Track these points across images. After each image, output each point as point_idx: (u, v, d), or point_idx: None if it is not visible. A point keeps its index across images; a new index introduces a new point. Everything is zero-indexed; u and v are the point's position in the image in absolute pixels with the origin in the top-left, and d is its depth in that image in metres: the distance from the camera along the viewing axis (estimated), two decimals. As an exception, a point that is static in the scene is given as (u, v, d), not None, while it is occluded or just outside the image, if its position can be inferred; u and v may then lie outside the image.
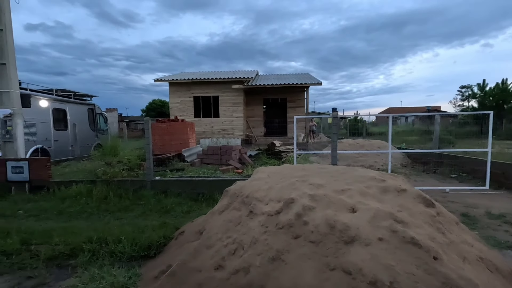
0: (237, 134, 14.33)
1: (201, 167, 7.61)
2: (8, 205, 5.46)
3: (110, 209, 5.24)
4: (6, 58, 6.42)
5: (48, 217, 4.94)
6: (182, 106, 14.52)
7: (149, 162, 6.09)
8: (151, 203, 5.47)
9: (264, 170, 3.99)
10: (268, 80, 15.29)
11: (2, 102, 6.56)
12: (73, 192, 5.75)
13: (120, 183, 6.07)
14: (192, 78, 14.07)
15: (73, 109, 12.13)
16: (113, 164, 7.67)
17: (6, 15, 6.44)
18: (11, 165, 6.27)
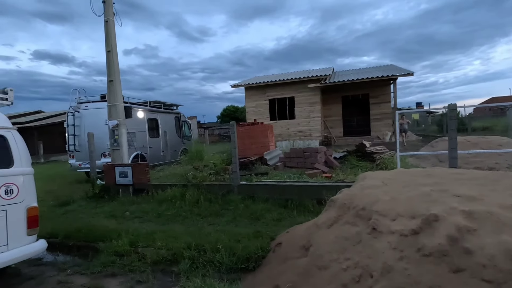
0: (315, 136, 13.68)
1: (285, 171, 7.29)
2: (117, 207, 6.07)
3: (202, 213, 5.30)
4: (113, 76, 7.26)
5: (150, 219, 5.26)
6: (258, 109, 14.64)
7: (235, 167, 6.03)
8: (239, 208, 5.36)
9: (374, 175, 3.37)
10: (347, 76, 14.23)
11: (111, 115, 7.43)
12: (169, 195, 6.07)
13: (209, 187, 6.17)
14: (267, 81, 14.06)
15: (163, 118, 13.34)
16: (200, 168, 7.99)
17: (112, 38, 7.29)
18: (118, 170, 7.04)
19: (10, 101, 3.44)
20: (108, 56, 7.29)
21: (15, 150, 3.19)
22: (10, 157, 3.14)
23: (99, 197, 7.00)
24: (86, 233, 4.51)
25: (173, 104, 14.60)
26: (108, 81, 7.35)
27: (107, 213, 5.75)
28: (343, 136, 14.39)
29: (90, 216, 5.69)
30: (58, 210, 6.28)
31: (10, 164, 3.13)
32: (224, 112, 63.81)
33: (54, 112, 32.29)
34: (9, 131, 3.21)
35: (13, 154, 3.17)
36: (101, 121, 10.32)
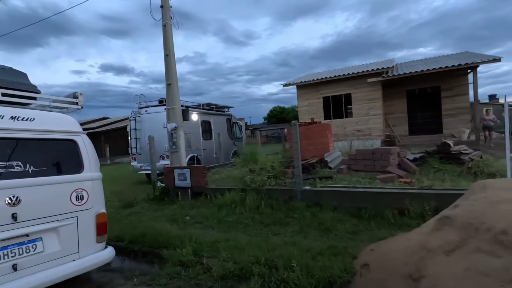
0: (375, 135, 12.48)
1: (350, 175, 6.55)
2: (178, 210, 6.00)
3: (265, 221, 4.90)
4: (171, 79, 7.31)
5: (210, 225, 5.03)
6: (311, 108, 13.93)
7: (298, 170, 5.52)
8: (305, 217, 4.84)
9: (497, 185, 2.57)
10: (413, 67, 12.71)
11: (169, 117, 7.49)
12: (228, 200, 5.81)
13: (269, 192, 5.76)
14: (321, 78, 13.28)
15: (215, 120, 13.42)
16: (257, 171, 7.66)
17: (169, 42, 7.35)
18: (177, 173, 7.04)
19: (80, 105, 3.43)
20: (166, 60, 7.36)
21: (85, 155, 3.12)
22: (80, 162, 3.08)
23: (160, 199, 7.08)
24: (150, 238, 4.42)
25: (225, 106, 14.66)
26: (167, 85, 7.43)
27: (168, 217, 5.69)
28: (409, 135, 12.90)
29: (153, 219, 5.69)
30: (123, 212, 6.45)
31: (80, 169, 3.06)
32: (271, 113, 63.73)
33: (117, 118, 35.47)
34: (79, 136, 3.16)
35: (83, 159, 3.10)
36: (160, 124, 10.68)
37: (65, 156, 3.05)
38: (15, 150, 2.67)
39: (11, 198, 2.49)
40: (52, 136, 2.92)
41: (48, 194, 2.77)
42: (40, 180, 2.72)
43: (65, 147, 3.06)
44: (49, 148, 2.94)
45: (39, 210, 2.68)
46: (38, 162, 2.77)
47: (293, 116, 58.91)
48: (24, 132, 2.72)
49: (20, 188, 2.57)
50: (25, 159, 2.69)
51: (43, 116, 2.94)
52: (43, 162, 2.83)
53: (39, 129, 2.83)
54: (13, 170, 2.59)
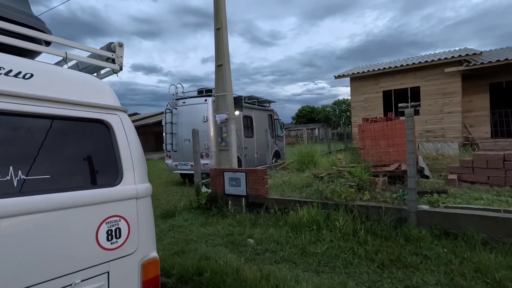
0: (451, 136, 10.34)
1: (470, 189, 4.70)
2: (234, 228, 4.50)
3: (375, 257, 3.25)
4: (223, 59, 5.86)
5: (289, 258, 3.47)
6: (368, 104, 12.01)
7: (413, 182, 3.80)
8: (440, 256, 3.14)
9: None
10: (501, 55, 10.40)
11: (219, 107, 6.05)
12: (304, 218, 4.22)
13: (364, 210, 4.10)
14: (382, 68, 11.31)
15: (257, 116, 11.92)
16: (326, 177, 6.02)
17: (222, 12, 5.90)
18: (228, 176, 5.57)
19: (118, 65, 1.98)
20: (217, 35, 5.92)
21: (124, 149, 1.66)
22: (116, 163, 1.62)
23: (205, 208, 5.65)
24: (211, 279, 2.94)
25: (266, 100, 13.11)
26: (216, 66, 5.99)
27: (223, 237, 4.20)
28: (491, 138, 10.61)
29: (203, 238, 4.23)
30: (162, 224, 5.07)
31: (116, 177, 1.60)
32: (300, 113, 61.42)
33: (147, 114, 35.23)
34: (115, 115, 1.70)
35: (122, 158, 1.63)
36: (199, 117, 9.33)
37: (88, 152, 1.60)
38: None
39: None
40: (65, 112, 1.48)
41: (52, 232, 1.32)
42: (39, 203, 1.28)
43: (88, 134, 1.61)
44: (57, 135, 1.50)
45: (31, 269, 1.24)
46: (34, 165, 1.34)
47: (323, 116, 56.45)
48: (6, 99, 1.29)
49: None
50: (7, 158, 1.26)
51: (50, 73, 1.51)
52: (44, 164, 1.39)
53: (39, 95, 1.39)
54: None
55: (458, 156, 9.19)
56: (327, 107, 58.83)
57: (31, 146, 1.38)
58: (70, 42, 1.81)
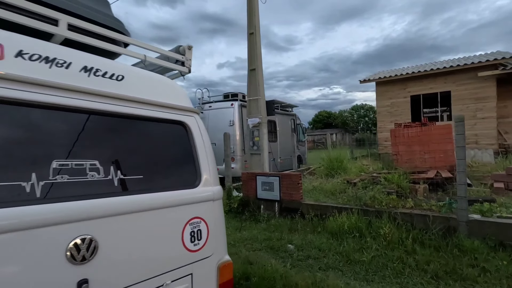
0: (485, 143, 9.90)
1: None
2: (271, 233, 4.45)
3: (428, 269, 3.11)
4: (256, 63, 5.88)
5: (334, 265, 3.38)
6: (394, 109, 11.72)
7: (463, 190, 3.64)
8: (499, 269, 2.96)
9: None
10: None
11: (251, 111, 6.06)
12: (344, 224, 4.11)
13: (408, 219, 3.95)
14: (411, 72, 11.01)
15: (280, 120, 11.88)
16: (359, 183, 5.88)
17: (255, 17, 5.94)
18: (261, 181, 5.54)
19: (187, 67, 2.01)
20: (250, 40, 5.96)
21: (201, 151, 1.66)
22: (195, 165, 1.62)
23: (237, 212, 5.64)
24: (258, 284, 2.90)
25: (290, 104, 13.06)
26: (249, 70, 6.01)
27: (261, 242, 4.16)
28: (528, 145, 10.05)
29: (240, 242, 4.21)
30: (197, 227, 5.08)
31: (195, 179, 1.60)
32: (317, 118, 60.77)
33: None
34: (192, 116, 1.71)
35: (200, 160, 1.64)
36: (225, 121, 9.39)
37: (169, 152, 1.61)
38: (87, 137, 1.27)
39: (77, 246, 1.07)
40: (151, 113, 1.49)
41: (146, 232, 1.33)
42: (135, 203, 1.29)
43: (171, 136, 1.63)
44: (145, 136, 1.53)
45: (130, 268, 1.24)
46: (128, 165, 1.35)
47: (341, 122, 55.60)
48: (105, 100, 1.31)
49: (96, 220, 1.15)
50: (105, 156, 1.28)
51: (136, 76, 1.54)
52: (136, 164, 1.40)
53: (130, 97, 1.41)
54: (84, 179, 1.18)
55: (494, 164, 8.76)
56: (345, 112, 58.00)
57: (125, 146, 1.40)
58: (144, 44, 1.85)
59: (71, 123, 1.22)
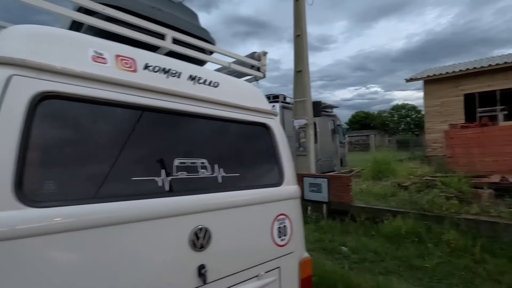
0: (554, 145, 8.89)
1: None
2: (322, 234, 4.45)
3: (502, 280, 2.91)
4: (302, 65, 5.91)
5: (393, 269, 3.29)
6: (444, 109, 10.98)
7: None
8: None
9: None
10: None
11: (297, 112, 6.10)
12: (401, 228, 3.98)
13: (473, 225, 3.72)
14: (465, 68, 10.25)
15: (320, 121, 11.70)
16: (412, 187, 5.63)
17: (302, 19, 5.98)
18: (308, 182, 5.55)
19: (262, 73, 2.12)
20: (296, 42, 6.00)
21: (283, 152, 1.75)
22: (278, 164, 1.72)
23: (284, 213, 5.70)
24: (319, 283, 2.93)
25: (330, 105, 12.84)
26: (296, 72, 6.06)
27: (313, 243, 4.17)
28: None
29: (291, 243, 4.25)
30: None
31: (280, 178, 1.69)
32: (354, 119, 58.80)
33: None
34: (273, 119, 1.81)
35: (282, 160, 1.73)
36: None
37: (257, 153, 1.72)
38: (195, 138, 1.43)
39: (196, 234, 1.21)
40: (241, 116, 1.61)
41: (245, 225, 1.45)
42: (236, 198, 1.42)
43: (255, 136, 1.74)
44: (237, 137, 1.65)
45: (235, 258, 1.37)
46: (227, 163, 1.48)
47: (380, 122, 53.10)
48: (206, 105, 1.45)
49: (208, 212, 1.28)
50: (209, 155, 1.41)
51: (228, 82, 1.67)
52: (232, 162, 1.53)
53: (224, 101, 1.54)
54: (196, 176, 1.32)
55: None
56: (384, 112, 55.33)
57: (223, 146, 1.53)
58: (223, 50, 1.98)
59: (184, 125, 1.38)
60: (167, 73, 1.36)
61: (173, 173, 1.23)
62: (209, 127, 1.49)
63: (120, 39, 1.38)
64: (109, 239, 1.00)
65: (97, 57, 1.15)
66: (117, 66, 1.19)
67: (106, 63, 1.17)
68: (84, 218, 0.95)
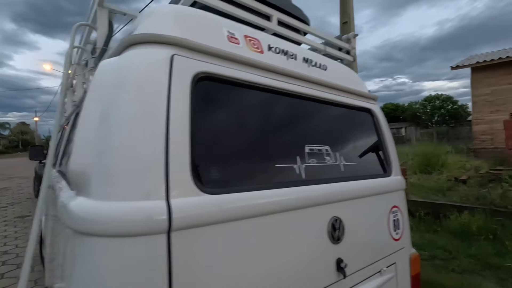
0: None
1: None
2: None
3: None
4: (350, 53, 5.61)
5: (471, 269, 3.06)
6: (495, 97, 10.17)
7: None
8: None
9: None
10: None
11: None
12: (470, 224, 3.71)
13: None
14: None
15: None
16: (470, 181, 5.26)
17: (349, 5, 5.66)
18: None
19: (352, 56, 2.00)
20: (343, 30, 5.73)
21: (388, 139, 1.64)
22: (385, 154, 1.60)
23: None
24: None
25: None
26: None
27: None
28: None
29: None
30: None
31: (389, 168, 1.58)
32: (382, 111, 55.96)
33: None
34: (375, 104, 1.70)
35: (389, 148, 1.61)
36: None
37: (366, 140, 1.61)
38: (314, 122, 1.34)
39: (333, 225, 1.13)
40: (350, 101, 1.52)
41: (368, 217, 1.35)
42: (360, 187, 1.32)
43: (362, 123, 1.63)
44: (347, 123, 1.55)
45: (363, 251, 1.28)
46: (343, 150, 1.39)
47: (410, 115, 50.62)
48: (321, 88, 1.36)
49: (340, 202, 1.20)
50: (329, 141, 1.32)
51: (333, 66, 1.57)
52: (346, 150, 1.43)
53: (335, 85, 1.44)
54: (324, 164, 1.24)
55: None
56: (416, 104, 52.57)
57: (337, 132, 1.44)
58: (317, 31, 1.86)
59: (305, 110, 1.29)
60: (286, 55, 1.28)
61: (306, 161, 1.15)
62: (324, 112, 1.40)
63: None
64: (269, 226, 0.94)
65: (231, 37, 1.09)
66: (247, 47, 1.13)
67: (239, 43, 1.10)
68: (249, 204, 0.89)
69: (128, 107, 0.77)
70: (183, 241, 0.73)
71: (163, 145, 0.75)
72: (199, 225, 0.76)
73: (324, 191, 1.13)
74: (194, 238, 0.75)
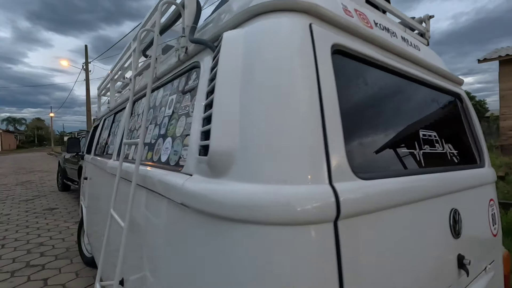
0: None
1: None
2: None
3: None
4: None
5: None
6: (524, 92, 9.76)
7: None
8: None
9: None
10: None
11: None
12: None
13: None
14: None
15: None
16: (507, 177, 5.04)
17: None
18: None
19: (426, 39, 1.86)
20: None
21: (478, 127, 1.51)
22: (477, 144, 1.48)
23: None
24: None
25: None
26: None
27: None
28: None
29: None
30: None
31: (482, 158, 1.46)
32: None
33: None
34: (461, 89, 1.57)
35: (480, 139, 1.49)
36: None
37: (459, 127, 1.49)
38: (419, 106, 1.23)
39: (454, 218, 1.03)
40: (443, 84, 1.40)
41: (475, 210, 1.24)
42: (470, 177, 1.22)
43: (453, 108, 1.51)
44: (442, 108, 1.43)
45: (476, 247, 1.18)
46: (444, 137, 1.27)
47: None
48: (420, 70, 1.26)
49: (455, 193, 1.09)
50: (433, 127, 1.22)
51: (422, 47, 1.45)
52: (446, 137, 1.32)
53: (431, 66, 1.33)
54: (436, 151, 1.13)
55: None
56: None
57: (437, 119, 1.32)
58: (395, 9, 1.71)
59: (410, 91, 1.19)
60: (389, 32, 1.17)
61: (423, 147, 1.05)
62: (424, 95, 1.29)
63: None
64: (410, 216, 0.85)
65: (346, 10, 0.99)
66: (360, 21, 1.02)
67: (352, 17, 1.00)
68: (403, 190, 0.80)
69: (277, 82, 0.68)
70: (349, 232, 0.63)
71: (320, 122, 0.66)
72: (361, 213, 0.67)
73: (445, 180, 1.03)
74: (358, 228, 0.66)
